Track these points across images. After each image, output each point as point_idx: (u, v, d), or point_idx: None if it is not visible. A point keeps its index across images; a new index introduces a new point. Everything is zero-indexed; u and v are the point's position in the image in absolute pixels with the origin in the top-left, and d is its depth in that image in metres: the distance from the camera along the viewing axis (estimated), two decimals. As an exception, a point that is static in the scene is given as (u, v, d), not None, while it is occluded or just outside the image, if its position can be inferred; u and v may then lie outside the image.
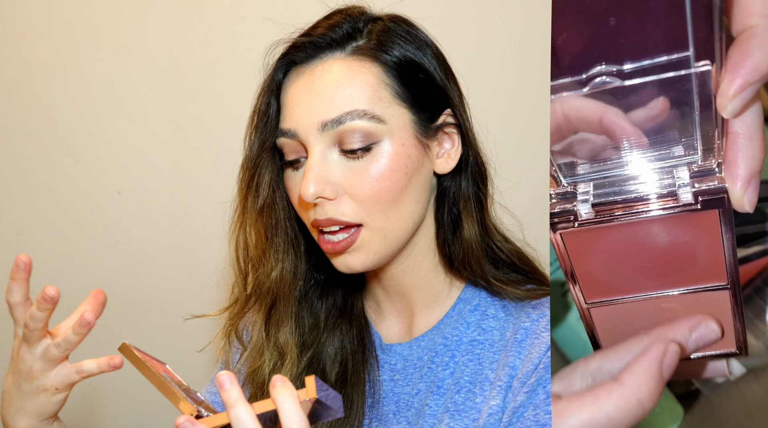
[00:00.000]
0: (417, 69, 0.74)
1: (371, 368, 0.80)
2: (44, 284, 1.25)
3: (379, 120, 0.71)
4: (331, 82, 0.71)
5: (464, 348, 0.77)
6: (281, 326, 0.80)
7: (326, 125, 0.71)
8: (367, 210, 0.72)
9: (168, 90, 1.22)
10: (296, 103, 0.73)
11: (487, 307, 0.78)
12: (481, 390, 0.74)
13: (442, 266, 0.80)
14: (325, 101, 0.71)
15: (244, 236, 0.78)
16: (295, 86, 0.73)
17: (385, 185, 0.71)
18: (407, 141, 0.72)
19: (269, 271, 0.79)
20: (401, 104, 0.72)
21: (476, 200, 0.77)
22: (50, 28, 1.23)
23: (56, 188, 1.25)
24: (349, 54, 0.73)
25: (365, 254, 0.73)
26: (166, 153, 1.23)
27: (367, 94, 0.71)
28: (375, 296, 0.82)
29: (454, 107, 0.76)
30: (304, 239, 0.80)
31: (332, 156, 0.72)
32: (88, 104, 1.24)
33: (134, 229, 1.25)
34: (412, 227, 0.75)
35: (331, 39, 0.73)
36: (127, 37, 1.22)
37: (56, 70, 1.24)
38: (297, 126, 0.72)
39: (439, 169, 0.76)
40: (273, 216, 0.78)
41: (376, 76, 0.72)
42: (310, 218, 0.74)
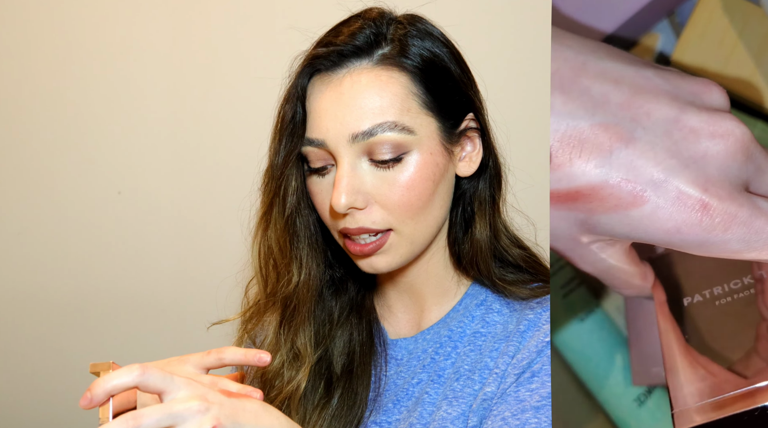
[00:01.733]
0: (440, 72, 0.75)
1: (378, 362, 0.81)
2: (43, 284, 1.26)
3: (408, 131, 0.72)
4: (360, 92, 0.72)
5: (467, 340, 0.78)
6: (299, 329, 0.80)
7: (357, 136, 0.72)
8: (397, 218, 0.73)
9: (168, 90, 1.22)
10: (325, 114, 0.73)
11: (492, 302, 0.79)
12: (480, 377, 0.75)
13: (452, 263, 0.81)
14: (356, 113, 0.72)
15: (267, 244, 0.79)
16: (323, 96, 0.74)
17: (414, 193, 0.73)
18: (435, 149, 0.74)
19: (292, 278, 0.79)
20: (428, 113, 0.74)
21: (491, 202, 0.79)
22: (50, 28, 1.23)
23: (56, 188, 1.25)
24: (376, 63, 0.73)
25: (391, 257, 0.75)
26: (166, 153, 1.23)
27: (396, 106, 0.72)
28: (384, 293, 0.84)
29: (476, 110, 0.78)
30: (325, 242, 0.81)
31: (362, 166, 0.73)
32: (88, 104, 1.24)
33: (134, 229, 1.25)
34: (436, 230, 0.77)
35: (354, 47, 0.73)
36: (128, 37, 1.22)
37: (56, 70, 1.24)
38: (326, 136, 0.73)
39: (461, 172, 0.78)
40: (299, 224, 0.79)
41: (404, 86, 0.73)
42: (338, 226, 0.75)
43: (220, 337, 0.89)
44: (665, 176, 0.50)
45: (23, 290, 1.27)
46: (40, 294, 1.27)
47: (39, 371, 1.29)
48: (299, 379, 0.78)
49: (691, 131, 0.51)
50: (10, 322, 1.28)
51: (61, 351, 1.27)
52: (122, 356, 1.27)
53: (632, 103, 0.51)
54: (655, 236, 0.52)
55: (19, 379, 1.29)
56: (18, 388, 1.29)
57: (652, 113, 0.51)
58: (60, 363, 1.28)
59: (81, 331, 1.27)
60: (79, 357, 1.27)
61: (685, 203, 0.50)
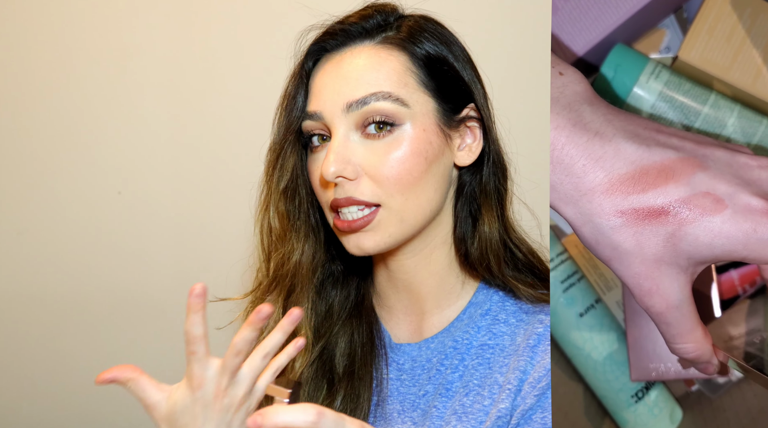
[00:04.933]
0: (443, 63, 0.76)
1: (379, 364, 0.80)
2: (43, 284, 1.26)
3: (402, 103, 0.73)
4: (358, 66, 0.74)
5: (474, 352, 0.76)
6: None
7: (351, 105, 0.72)
8: (386, 191, 0.73)
9: (168, 90, 1.22)
10: (323, 87, 0.75)
11: (498, 312, 0.78)
12: (489, 393, 0.74)
13: (458, 262, 0.79)
14: (351, 84, 0.73)
15: (268, 219, 0.80)
16: (323, 71, 0.76)
17: (404, 167, 0.72)
18: (429, 127, 0.74)
19: (290, 253, 0.79)
20: (425, 92, 0.74)
21: (497, 196, 0.78)
22: (50, 28, 1.23)
23: (56, 188, 1.25)
24: (378, 43, 0.75)
25: (380, 235, 0.74)
26: (166, 153, 1.23)
27: (392, 79, 0.73)
28: (384, 293, 0.82)
29: (477, 102, 0.77)
30: (324, 228, 0.81)
31: (354, 138, 0.73)
32: (88, 104, 1.23)
33: (134, 229, 1.25)
34: (430, 214, 0.76)
35: (362, 28, 0.75)
36: (127, 36, 1.22)
37: (56, 70, 1.23)
38: (323, 108, 0.74)
39: (459, 161, 0.77)
40: (296, 199, 0.79)
41: (403, 63, 0.74)
42: (329, 198, 0.75)
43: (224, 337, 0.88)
44: (735, 190, 0.62)
45: (23, 290, 1.27)
46: (40, 294, 1.26)
47: (39, 371, 1.28)
48: (297, 369, 0.78)
49: (744, 164, 0.64)
50: (10, 322, 1.28)
51: (61, 351, 1.27)
52: (122, 356, 1.27)
53: (699, 148, 0.64)
54: (735, 238, 0.62)
55: (19, 379, 1.28)
56: (18, 388, 1.28)
57: (714, 153, 0.64)
58: (60, 363, 1.27)
59: (81, 331, 1.26)
60: (79, 357, 1.26)
61: (754, 209, 0.61)
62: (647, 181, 0.62)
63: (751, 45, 0.83)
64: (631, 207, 0.62)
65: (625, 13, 0.84)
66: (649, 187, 0.62)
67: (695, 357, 0.68)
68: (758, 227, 0.61)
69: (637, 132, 0.64)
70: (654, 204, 0.62)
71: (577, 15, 0.84)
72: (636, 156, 0.63)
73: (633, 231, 0.63)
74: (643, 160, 0.62)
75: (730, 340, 0.75)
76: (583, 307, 0.87)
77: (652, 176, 0.62)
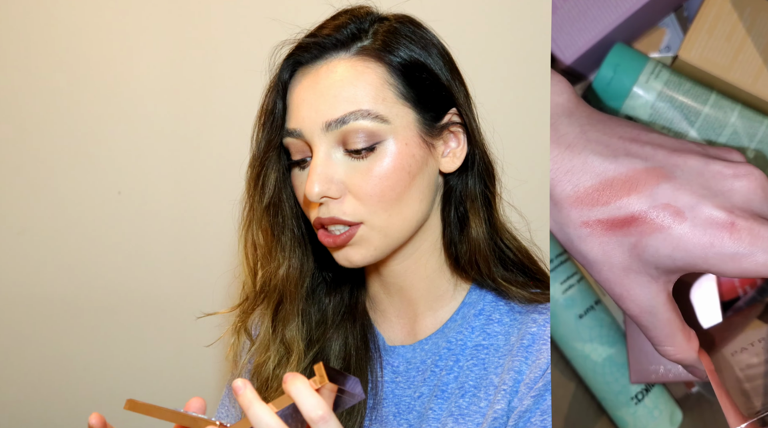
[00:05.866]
0: (422, 69, 0.74)
1: (373, 367, 0.80)
2: (43, 284, 1.26)
3: (382, 120, 0.71)
4: (335, 82, 0.72)
5: (469, 353, 0.76)
6: (288, 323, 0.80)
7: (330, 124, 0.71)
8: (369, 209, 0.72)
9: (168, 89, 1.22)
10: (301, 103, 0.73)
11: (491, 312, 0.78)
12: (485, 395, 0.74)
13: (448, 265, 0.79)
14: (329, 101, 0.72)
15: (251, 235, 0.79)
16: (300, 86, 0.74)
17: (388, 184, 0.72)
18: (411, 140, 0.73)
19: (276, 269, 0.79)
20: (405, 104, 0.73)
21: (483, 199, 0.78)
22: (50, 28, 1.23)
23: (56, 188, 1.25)
24: (354, 54, 0.73)
25: (365, 249, 0.74)
26: (166, 153, 1.23)
27: (370, 94, 0.72)
28: (376, 297, 0.82)
29: (459, 106, 0.76)
30: (311, 237, 0.80)
31: (336, 156, 0.72)
32: (88, 104, 1.23)
33: (134, 229, 1.25)
34: (416, 224, 0.75)
35: (336, 40, 0.74)
36: (128, 37, 1.22)
37: (56, 70, 1.23)
38: (302, 126, 0.73)
39: (444, 168, 0.76)
40: (279, 214, 0.79)
41: (380, 76, 0.73)
42: (313, 216, 0.75)
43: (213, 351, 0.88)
44: (697, 202, 0.62)
45: (23, 290, 1.27)
46: (40, 294, 1.27)
47: (39, 371, 1.28)
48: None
49: (718, 173, 0.63)
50: (10, 322, 1.28)
51: (61, 351, 1.27)
52: (122, 355, 1.27)
53: (671, 157, 0.64)
54: (694, 251, 0.62)
55: (19, 379, 1.28)
56: (18, 388, 1.29)
57: (687, 162, 0.64)
58: (60, 363, 1.28)
59: (81, 331, 1.26)
60: (79, 357, 1.27)
61: (715, 222, 0.61)
62: (611, 193, 0.63)
63: (752, 44, 0.82)
64: (595, 218, 0.64)
65: (624, 12, 0.83)
66: (612, 198, 0.63)
67: (677, 360, 0.69)
68: (716, 241, 0.61)
69: (609, 143, 0.65)
70: (617, 215, 0.63)
71: (577, 14, 0.84)
72: (602, 169, 0.64)
73: (599, 241, 0.64)
74: (608, 172, 0.64)
75: (746, 369, 0.75)
76: (583, 308, 0.87)
77: (616, 188, 0.63)
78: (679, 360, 0.69)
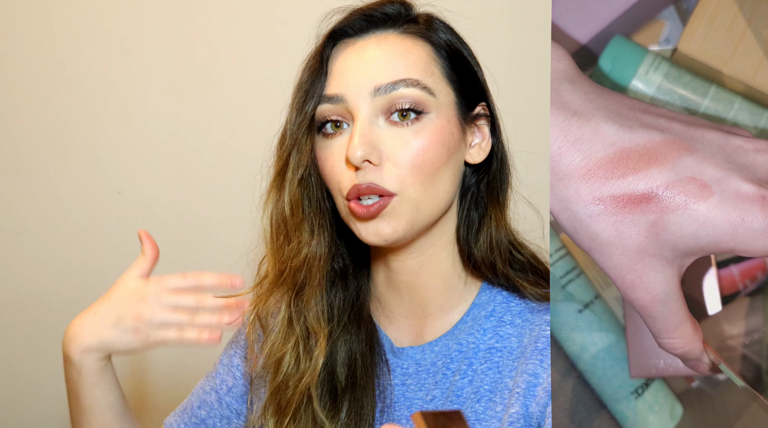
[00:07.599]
0: (461, 57, 0.77)
1: (381, 372, 0.79)
2: (43, 284, 1.26)
3: (430, 92, 0.73)
4: (386, 51, 0.74)
5: (482, 356, 0.76)
6: (310, 302, 0.77)
7: (380, 89, 0.72)
8: (407, 180, 0.72)
9: (168, 89, 1.22)
10: (346, 69, 0.74)
11: (503, 313, 0.77)
12: (501, 399, 0.73)
13: (461, 262, 0.79)
14: (380, 68, 0.73)
15: (279, 209, 0.77)
16: (345, 54, 0.75)
17: (428, 157, 0.72)
18: (451, 119, 0.74)
19: (301, 245, 0.77)
20: (449, 84, 0.75)
21: (503, 197, 0.79)
22: (50, 28, 1.23)
23: (56, 188, 1.25)
24: (402, 32, 0.76)
25: (397, 221, 0.72)
26: (166, 153, 1.23)
27: (420, 67, 0.74)
28: (383, 298, 0.81)
29: (489, 101, 0.78)
30: (335, 221, 0.79)
31: (379, 123, 0.73)
32: (88, 104, 1.24)
33: (134, 229, 1.24)
34: (444, 206, 0.76)
35: (386, 15, 0.76)
36: (128, 37, 1.22)
37: (56, 70, 1.24)
38: (346, 91, 0.73)
39: (470, 158, 0.77)
40: (309, 188, 0.77)
41: (428, 53, 0.75)
42: (347, 185, 0.73)
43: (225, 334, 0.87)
44: (724, 175, 0.57)
45: (23, 290, 1.27)
46: (40, 294, 1.27)
47: (39, 371, 1.28)
48: (311, 371, 0.76)
49: (739, 147, 0.59)
50: (10, 322, 1.28)
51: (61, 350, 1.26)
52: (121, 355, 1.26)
53: (689, 130, 0.59)
54: (722, 228, 0.57)
55: (20, 379, 1.28)
56: (18, 388, 1.29)
57: (705, 135, 0.59)
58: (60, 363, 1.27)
59: (79, 331, 1.26)
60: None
61: (745, 196, 0.57)
62: (628, 165, 0.57)
63: (752, 36, 0.82)
64: (609, 194, 0.58)
65: (623, 5, 0.83)
66: (629, 171, 0.57)
67: (683, 353, 0.64)
68: (747, 216, 0.57)
69: (621, 112, 0.59)
70: (635, 190, 0.57)
71: (576, 6, 0.84)
72: (616, 138, 0.58)
73: (612, 220, 0.58)
74: (624, 142, 0.58)
75: (726, 339, 0.73)
76: (582, 303, 0.86)
77: (633, 160, 0.57)
78: (684, 353, 0.64)
